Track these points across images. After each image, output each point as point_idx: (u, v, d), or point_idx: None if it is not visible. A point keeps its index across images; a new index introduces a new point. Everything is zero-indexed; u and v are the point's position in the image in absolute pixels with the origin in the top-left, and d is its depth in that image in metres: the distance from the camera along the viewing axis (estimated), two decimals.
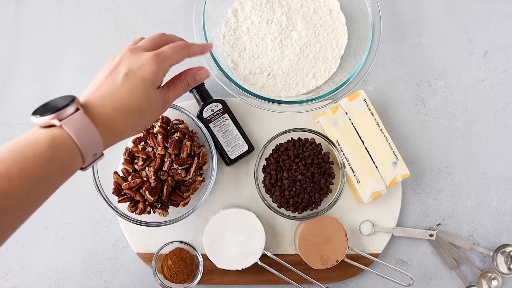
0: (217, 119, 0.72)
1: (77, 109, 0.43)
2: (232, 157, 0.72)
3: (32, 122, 0.42)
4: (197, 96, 0.73)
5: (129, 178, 0.69)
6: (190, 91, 0.74)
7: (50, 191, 0.41)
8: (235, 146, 0.72)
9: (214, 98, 0.74)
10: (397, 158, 0.73)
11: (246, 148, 0.72)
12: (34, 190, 0.38)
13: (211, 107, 0.72)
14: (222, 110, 0.72)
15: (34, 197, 0.39)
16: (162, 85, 0.53)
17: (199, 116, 0.72)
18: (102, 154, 0.47)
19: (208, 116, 0.71)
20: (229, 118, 0.72)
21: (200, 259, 0.72)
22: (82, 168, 0.45)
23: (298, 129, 0.72)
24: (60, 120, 0.42)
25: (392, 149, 0.73)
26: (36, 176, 0.38)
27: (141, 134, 0.71)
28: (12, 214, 0.37)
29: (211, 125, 0.71)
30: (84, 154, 0.43)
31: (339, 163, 0.72)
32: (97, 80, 0.49)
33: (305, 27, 0.75)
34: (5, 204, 0.36)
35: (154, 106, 0.50)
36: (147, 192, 0.67)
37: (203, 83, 0.73)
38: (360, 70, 0.71)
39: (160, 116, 0.72)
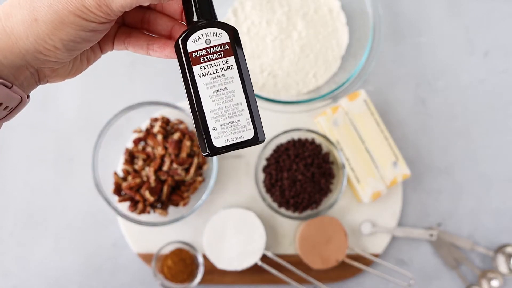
0: (212, 62, 0.35)
1: None
2: (218, 143, 0.35)
3: None
4: (189, 5, 0.38)
5: (129, 178, 0.69)
6: None
7: None
8: (230, 124, 0.35)
9: (218, 20, 0.38)
10: (397, 158, 0.73)
11: (250, 134, 0.35)
12: None
13: (207, 34, 0.36)
14: (227, 46, 0.35)
15: None
16: None
17: (178, 45, 0.35)
18: None
19: (197, 51, 0.35)
20: (235, 65, 0.35)
21: (200, 259, 0.72)
22: None
23: (298, 129, 0.72)
24: None
25: (392, 149, 0.73)
26: None
27: (141, 134, 0.71)
28: None
29: (197, 69, 0.35)
30: None
31: (339, 163, 0.72)
32: None
33: (305, 27, 0.75)
34: None
35: None
36: (147, 192, 0.67)
37: None
38: (360, 70, 0.71)
39: (161, 116, 0.72)
